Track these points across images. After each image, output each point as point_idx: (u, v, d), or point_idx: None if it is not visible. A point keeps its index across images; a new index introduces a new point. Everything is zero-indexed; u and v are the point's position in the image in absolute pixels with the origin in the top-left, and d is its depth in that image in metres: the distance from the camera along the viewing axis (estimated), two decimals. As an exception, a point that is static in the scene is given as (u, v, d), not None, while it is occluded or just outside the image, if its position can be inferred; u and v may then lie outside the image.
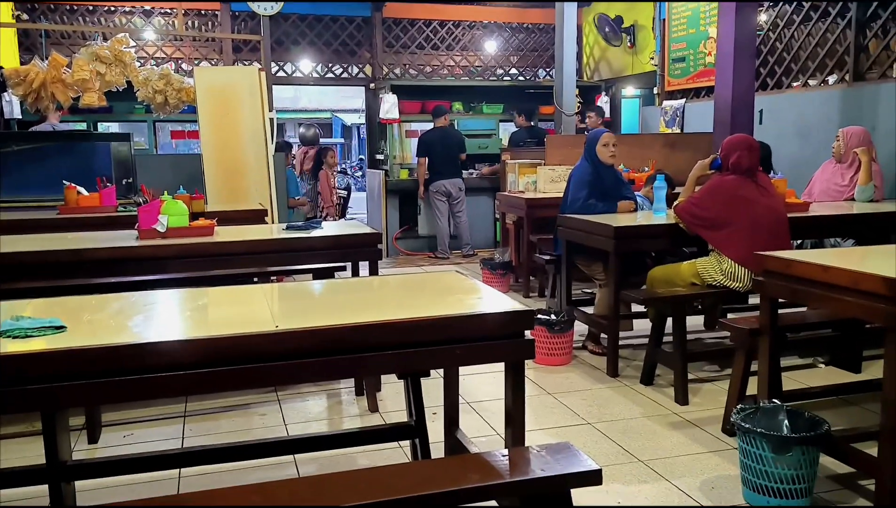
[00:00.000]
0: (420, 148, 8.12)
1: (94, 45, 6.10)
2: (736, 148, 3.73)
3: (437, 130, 8.07)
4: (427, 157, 8.05)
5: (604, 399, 3.71)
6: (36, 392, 1.71)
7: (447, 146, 8.05)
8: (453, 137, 8.18)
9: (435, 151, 7.99)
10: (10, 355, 1.70)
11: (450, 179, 8.03)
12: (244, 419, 3.51)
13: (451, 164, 8.09)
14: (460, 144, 8.22)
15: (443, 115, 8.14)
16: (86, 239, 3.53)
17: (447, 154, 8.04)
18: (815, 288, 2.58)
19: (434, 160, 8.01)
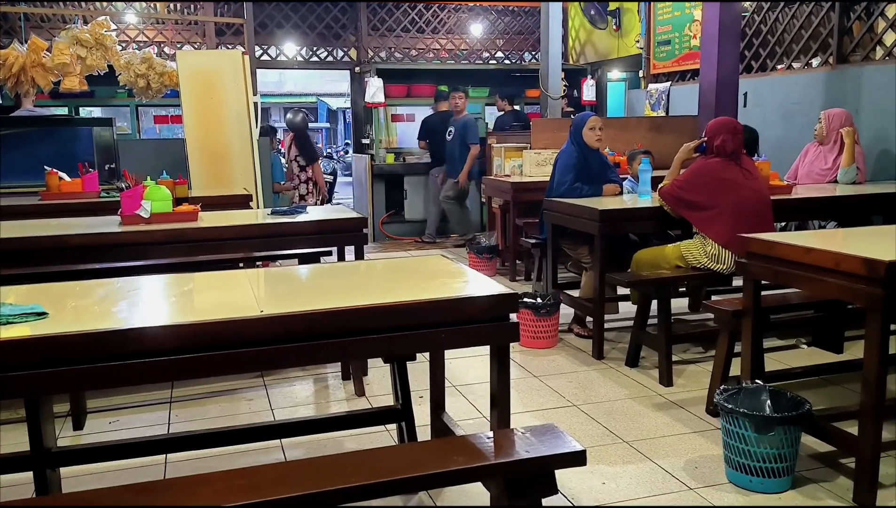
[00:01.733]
0: (420, 131, 8.08)
1: (75, 28, 6.02)
2: (720, 131, 3.74)
3: (437, 115, 8.05)
4: (428, 140, 8.01)
5: (589, 381, 3.73)
6: (18, 379, 1.70)
7: (445, 131, 8.01)
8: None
9: (434, 136, 7.96)
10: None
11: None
12: (231, 404, 3.51)
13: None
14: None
15: (444, 98, 8.10)
16: (68, 225, 3.50)
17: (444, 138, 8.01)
18: (797, 270, 2.60)
19: (435, 145, 7.98)
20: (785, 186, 4.46)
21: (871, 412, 2.38)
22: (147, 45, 8.90)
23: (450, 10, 10.28)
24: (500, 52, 10.68)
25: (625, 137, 6.48)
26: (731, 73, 5.60)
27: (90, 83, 6.23)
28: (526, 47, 10.75)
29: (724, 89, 5.56)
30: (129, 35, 8.90)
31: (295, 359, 2.05)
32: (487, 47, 10.61)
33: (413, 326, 1.99)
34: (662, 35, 8.28)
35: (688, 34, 7.81)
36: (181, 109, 5.82)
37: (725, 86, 5.56)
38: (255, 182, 5.88)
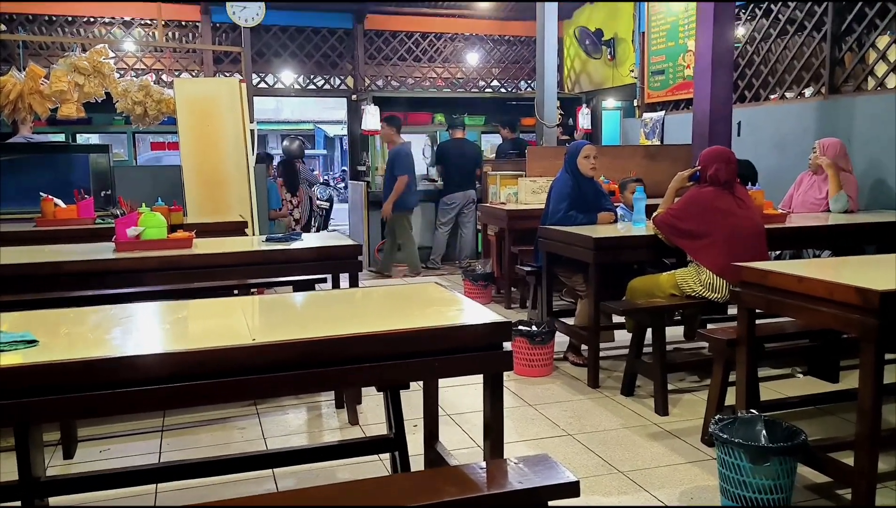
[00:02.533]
0: (434, 158, 8.12)
1: (73, 56, 6.05)
2: (714, 160, 3.77)
3: (453, 142, 8.11)
4: (442, 166, 8.05)
5: (584, 410, 3.71)
6: (8, 407, 1.68)
7: (463, 158, 8.07)
8: (470, 149, 8.23)
9: (451, 163, 8.02)
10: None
11: (464, 191, 8.07)
12: (223, 432, 3.48)
13: (467, 175, 8.11)
14: (476, 158, 8.26)
15: (459, 127, 8.17)
16: (62, 252, 3.49)
17: (463, 166, 8.06)
18: (790, 299, 2.60)
19: (450, 171, 8.03)
20: (779, 215, 4.48)
21: (866, 443, 2.37)
22: (145, 72, 8.97)
23: (446, 40, 10.40)
24: (496, 80, 10.78)
25: (620, 166, 6.52)
26: (725, 102, 5.66)
27: (87, 110, 6.25)
28: (522, 76, 10.85)
29: (718, 119, 5.62)
30: (127, 62, 8.97)
31: (288, 388, 2.03)
32: (483, 76, 10.71)
33: (406, 354, 1.98)
34: (656, 65, 8.37)
35: (682, 64, 7.90)
36: (178, 135, 5.84)
37: (719, 115, 5.62)
38: (251, 209, 5.89)
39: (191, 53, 9.27)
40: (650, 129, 8.35)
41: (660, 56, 8.31)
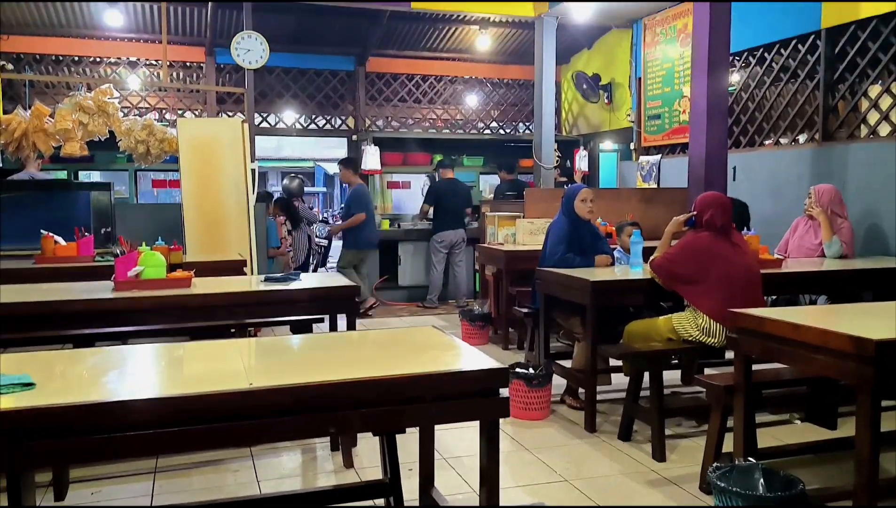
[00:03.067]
0: (427, 197, 8.20)
1: (79, 95, 6.14)
2: (709, 206, 3.80)
3: (444, 182, 8.19)
4: (434, 206, 8.13)
5: (581, 455, 3.69)
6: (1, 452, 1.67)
7: (455, 198, 8.16)
8: (461, 189, 8.31)
9: (443, 202, 8.10)
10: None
11: (454, 230, 8.13)
12: (216, 475, 3.44)
13: (457, 215, 8.20)
14: (467, 197, 8.35)
15: (449, 166, 8.27)
16: (61, 290, 3.50)
17: (454, 205, 8.15)
18: (786, 346, 2.61)
19: (441, 210, 8.10)
20: (774, 261, 4.51)
21: (865, 493, 2.35)
22: (149, 111, 9.08)
23: (446, 82, 10.56)
24: (494, 122, 10.93)
25: (617, 208, 6.57)
26: (720, 148, 5.74)
27: (90, 148, 6.32)
28: (520, 118, 11.00)
29: (713, 164, 5.69)
30: (132, 101, 9.09)
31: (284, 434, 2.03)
32: (482, 118, 10.85)
33: (403, 400, 1.98)
34: (653, 110, 8.50)
35: (677, 109, 8.02)
36: (179, 173, 5.90)
37: (714, 160, 5.69)
38: (250, 247, 5.91)
39: (194, 93, 9.40)
40: (647, 172, 8.44)
41: (656, 101, 8.43)
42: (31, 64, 8.70)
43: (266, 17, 8.10)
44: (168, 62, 7.78)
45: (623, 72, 9.22)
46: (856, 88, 5.86)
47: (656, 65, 8.43)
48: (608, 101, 9.56)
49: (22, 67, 8.63)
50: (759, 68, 6.89)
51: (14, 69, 8.50)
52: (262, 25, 7.61)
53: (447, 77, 10.54)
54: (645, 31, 8.60)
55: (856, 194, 5.60)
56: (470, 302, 8.07)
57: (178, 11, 8.55)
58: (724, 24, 5.62)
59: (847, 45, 5.89)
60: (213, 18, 8.61)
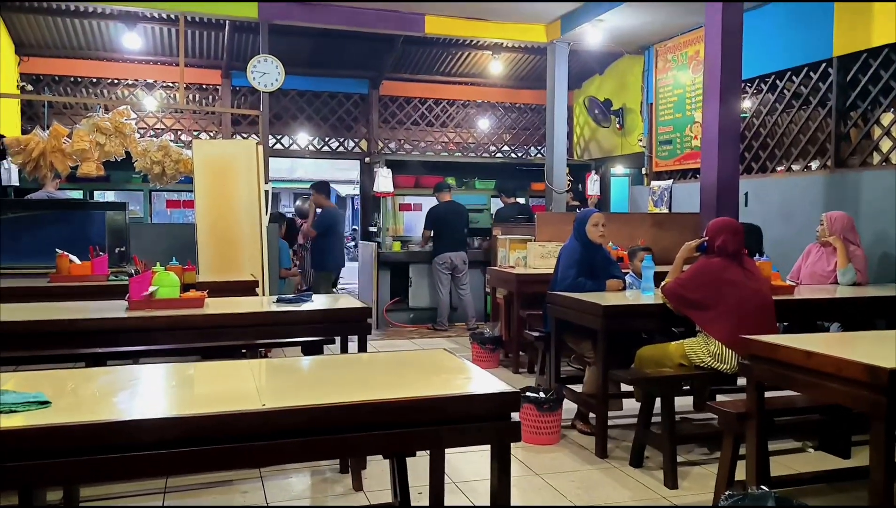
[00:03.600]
0: (427, 222, 8.24)
1: (96, 116, 6.24)
2: (721, 231, 3.80)
3: (443, 205, 8.22)
4: (433, 230, 8.16)
5: (592, 482, 3.66)
6: (14, 470, 1.69)
7: (453, 220, 8.19)
8: (459, 210, 8.33)
9: (442, 225, 8.13)
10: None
11: (455, 252, 8.14)
12: (226, 495, 3.44)
13: (457, 237, 8.22)
14: (465, 218, 8.38)
15: (446, 189, 8.31)
16: (75, 309, 3.53)
17: (453, 227, 8.18)
18: (799, 374, 2.60)
19: (441, 233, 8.14)
20: (787, 287, 4.49)
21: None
22: (165, 132, 9.20)
23: (458, 106, 10.65)
24: (506, 146, 10.99)
25: (628, 233, 6.58)
26: (732, 174, 5.74)
27: (106, 168, 6.41)
28: (532, 142, 11.06)
29: (725, 189, 5.69)
30: (148, 123, 9.22)
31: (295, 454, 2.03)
32: (494, 141, 10.92)
33: (415, 423, 1.99)
34: (664, 135, 8.53)
35: (689, 135, 8.05)
36: (193, 193, 5.96)
37: (726, 186, 5.69)
38: (262, 268, 5.95)
39: (210, 115, 9.52)
40: (658, 197, 8.44)
41: (667, 126, 8.46)
42: (50, 85, 8.85)
43: (282, 40, 8.22)
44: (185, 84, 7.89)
45: (635, 97, 9.27)
46: (868, 116, 5.87)
47: (668, 91, 8.47)
48: (620, 126, 9.60)
49: (41, 87, 8.78)
50: (770, 95, 6.91)
51: (33, 90, 8.65)
52: (278, 49, 7.72)
53: (460, 101, 10.63)
54: (657, 58, 8.66)
55: (868, 221, 5.58)
56: (480, 325, 8.07)
57: (195, 35, 8.69)
58: (735, 51, 5.65)
59: (859, 73, 5.90)
60: (230, 42, 8.74)
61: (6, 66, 8.05)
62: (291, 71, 7.94)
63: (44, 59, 8.72)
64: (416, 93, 10.40)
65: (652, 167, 8.77)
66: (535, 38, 8.58)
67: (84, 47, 8.72)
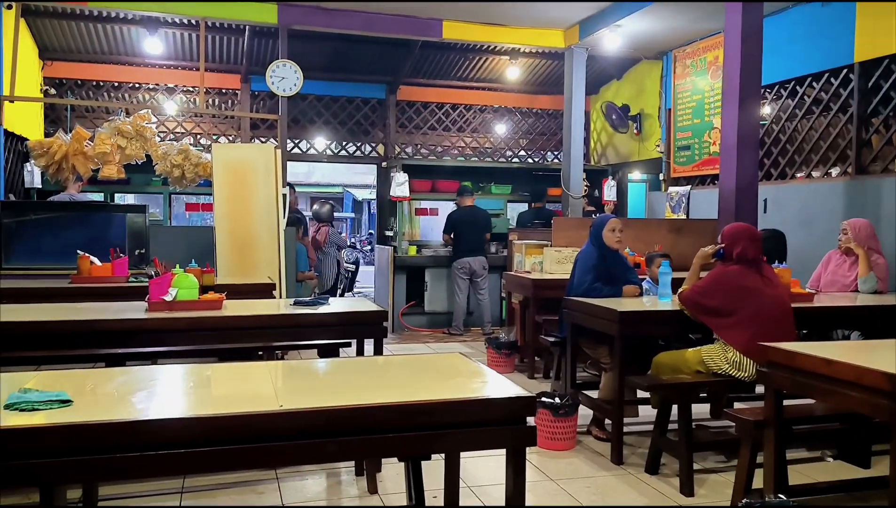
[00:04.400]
0: (447, 226, 8.23)
1: (118, 119, 6.32)
2: (740, 238, 3.77)
3: (464, 209, 8.22)
4: (453, 234, 8.16)
5: (607, 488, 3.64)
6: (38, 467, 1.71)
7: (474, 225, 8.18)
8: (480, 216, 8.32)
9: (462, 230, 8.13)
10: (12, 428, 1.71)
11: (475, 257, 8.12)
12: (242, 496, 3.46)
13: (477, 242, 8.20)
14: (486, 224, 8.36)
15: (469, 194, 8.31)
16: (95, 310, 3.57)
17: (474, 232, 8.17)
18: (818, 381, 2.58)
19: (461, 238, 8.13)
20: (806, 294, 4.45)
21: (899, 535, 2.30)
22: (184, 136, 9.29)
23: (475, 111, 10.66)
24: (523, 150, 10.99)
25: (645, 238, 6.56)
26: (751, 180, 5.69)
27: (127, 171, 6.49)
28: (549, 147, 11.05)
29: (744, 196, 5.64)
30: (168, 126, 9.31)
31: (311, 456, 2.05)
32: (511, 146, 10.92)
33: (430, 426, 1.99)
34: (682, 141, 8.49)
35: (707, 141, 8.00)
36: (212, 197, 6.01)
37: (745, 193, 5.64)
38: (280, 271, 5.99)
39: (229, 119, 9.60)
40: (676, 203, 8.40)
41: (686, 132, 8.43)
42: (73, 89, 8.97)
43: (300, 45, 8.28)
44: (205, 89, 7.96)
45: (652, 103, 9.24)
46: (890, 122, 5.81)
47: (686, 96, 8.43)
48: (637, 131, 9.57)
49: (64, 91, 8.90)
50: (790, 101, 6.86)
51: (56, 94, 8.77)
52: (297, 54, 7.78)
53: (477, 106, 10.65)
54: (675, 63, 8.63)
55: (889, 228, 5.52)
56: (496, 330, 8.06)
57: (215, 40, 8.77)
58: (755, 56, 5.62)
59: (881, 79, 5.85)
60: (250, 47, 8.82)
61: (30, 70, 8.17)
62: (310, 76, 7.99)
63: (67, 63, 8.84)
64: (433, 98, 10.43)
65: (670, 173, 8.73)
66: (553, 43, 8.58)
67: (106, 52, 8.84)
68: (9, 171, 7.02)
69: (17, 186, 7.34)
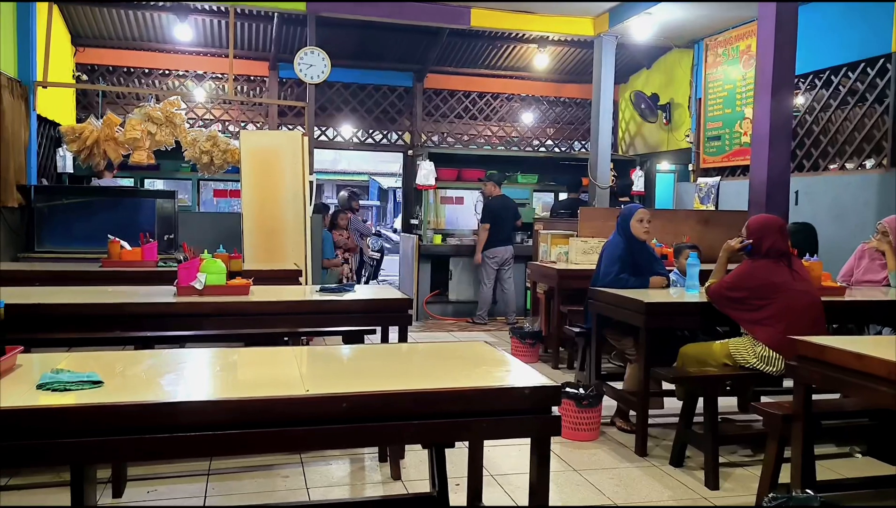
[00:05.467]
0: (485, 216, 8.23)
1: (148, 105, 6.39)
2: (769, 232, 3.71)
3: (498, 199, 8.21)
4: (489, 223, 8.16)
5: (631, 480, 3.63)
6: (69, 446, 1.75)
7: (506, 214, 8.19)
8: (511, 205, 8.33)
9: (496, 219, 8.13)
10: (45, 408, 1.74)
11: (504, 246, 8.13)
12: (267, 479, 3.50)
13: (508, 231, 8.22)
14: (516, 212, 8.36)
15: (497, 182, 8.30)
16: (126, 293, 3.63)
17: (505, 222, 8.18)
18: (848, 376, 2.53)
19: (494, 227, 8.13)
20: (837, 288, 4.37)
21: (930, 533, 2.26)
22: (213, 122, 9.37)
23: (502, 99, 10.61)
24: (550, 140, 10.91)
25: (673, 229, 6.48)
26: (783, 172, 5.60)
27: (157, 157, 6.56)
28: (576, 137, 10.96)
29: (775, 187, 5.55)
30: (197, 113, 9.39)
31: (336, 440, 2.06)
32: (538, 135, 10.85)
33: (455, 413, 1.99)
34: (713, 131, 8.37)
35: (738, 131, 7.88)
36: (240, 184, 6.06)
37: (776, 184, 5.55)
38: (306, 258, 6.03)
39: (257, 106, 9.66)
40: (705, 194, 8.29)
41: (716, 122, 8.30)
42: (104, 75, 9.08)
43: (328, 32, 8.29)
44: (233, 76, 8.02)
45: (683, 92, 9.11)
46: (928, 113, 5.67)
47: (717, 86, 8.30)
48: (666, 121, 9.45)
49: (95, 77, 9.01)
50: (824, 91, 6.72)
51: (88, 80, 8.88)
52: (325, 41, 7.80)
53: (504, 94, 10.59)
54: (706, 52, 8.50)
55: (926, 222, 5.38)
56: (520, 320, 8.04)
57: (244, 27, 8.82)
58: (789, 46, 5.51)
59: (920, 69, 5.70)
60: (278, 34, 8.85)
61: (63, 56, 8.28)
62: (337, 63, 8.00)
63: (98, 49, 8.95)
64: (461, 86, 10.39)
65: (699, 163, 8.62)
66: (582, 31, 8.49)
67: (137, 38, 8.93)
68: (42, 156, 7.14)
69: (50, 171, 7.46)
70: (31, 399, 1.79)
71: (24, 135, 6.10)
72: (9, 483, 3.31)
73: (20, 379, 1.99)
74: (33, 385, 1.89)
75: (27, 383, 1.93)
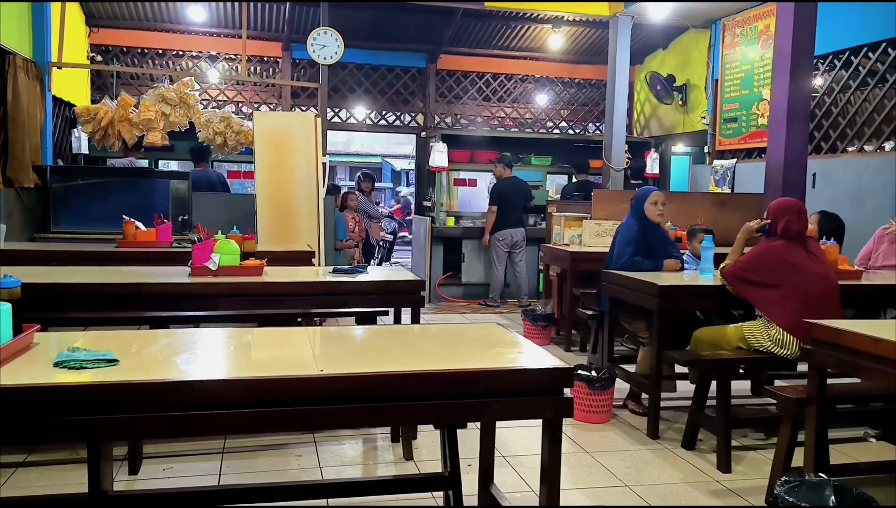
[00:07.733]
0: (493, 197, 8.21)
1: (162, 86, 6.39)
2: (785, 212, 3.68)
3: (508, 180, 8.18)
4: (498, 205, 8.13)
5: (643, 462, 3.63)
6: (86, 423, 1.77)
7: (517, 196, 8.16)
8: (522, 187, 8.29)
9: (506, 201, 8.10)
10: (61, 385, 1.76)
11: (516, 228, 8.12)
12: (281, 458, 3.54)
13: (518, 213, 8.20)
14: (528, 194, 8.33)
15: (508, 164, 8.26)
16: (140, 274, 3.65)
17: (516, 204, 8.16)
18: (864, 360, 2.51)
19: (504, 209, 8.10)
20: (854, 272, 4.33)
21: (945, 518, 2.25)
22: (226, 103, 9.36)
23: (516, 81, 10.53)
24: (564, 122, 10.83)
25: (688, 212, 6.44)
26: (800, 154, 5.52)
27: (170, 138, 6.57)
28: (590, 118, 10.87)
29: (792, 170, 5.48)
30: (211, 94, 9.39)
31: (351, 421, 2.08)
32: (552, 117, 10.77)
33: (468, 394, 2.00)
34: (729, 112, 8.27)
35: (755, 112, 7.79)
36: (254, 165, 6.06)
37: (793, 166, 5.48)
38: (319, 239, 6.04)
39: (270, 87, 9.64)
40: (720, 176, 8.22)
41: (733, 104, 8.21)
42: (118, 56, 9.09)
43: (341, 13, 8.24)
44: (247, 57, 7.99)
45: (699, 73, 9.01)
46: (950, 94, 5.57)
47: (735, 66, 8.20)
48: (682, 102, 9.36)
49: (110, 58, 9.02)
50: (844, 72, 6.62)
51: (102, 61, 8.90)
52: (338, 22, 7.74)
53: (518, 76, 10.50)
54: (724, 32, 8.38)
55: (945, 205, 5.32)
56: (533, 302, 8.04)
57: (257, 8, 8.78)
58: (808, 25, 5.41)
59: (942, 49, 5.60)
60: (291, 15, 8.81)
61: (77, 37, 8.28)
62: (350, 44, 7.95)
63: (112, 30, 8.95)
64: (474, 67, 10.32)
65: (715, 145, 8.53)
66: (598, 11, 8.40)
67: (151, 19, 8.92)
68: (57, 136, 7.17)
69: (65, 152, 7.50)
70: (47, 377, 1.82)
71: (39, 116, 6.12)
72: (26, 459, 3.36)
73: (37, 357, 2.01)
74: (50, 363, 1.91)
75: (44, 361, 1.96)
